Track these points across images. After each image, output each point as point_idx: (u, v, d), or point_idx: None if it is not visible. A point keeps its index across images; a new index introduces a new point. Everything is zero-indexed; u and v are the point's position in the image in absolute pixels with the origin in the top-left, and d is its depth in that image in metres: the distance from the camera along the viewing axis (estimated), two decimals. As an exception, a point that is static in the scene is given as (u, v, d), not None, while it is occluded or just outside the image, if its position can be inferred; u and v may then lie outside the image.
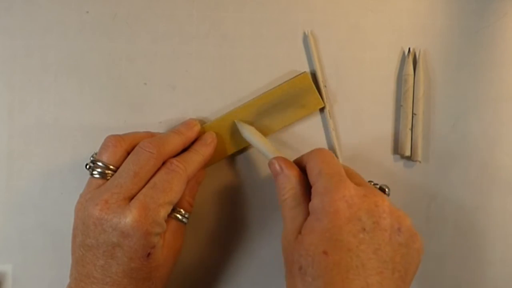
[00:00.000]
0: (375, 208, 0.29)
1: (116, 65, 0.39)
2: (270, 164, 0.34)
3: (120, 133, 0.35)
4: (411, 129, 0.39)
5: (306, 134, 0.40)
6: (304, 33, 0.39)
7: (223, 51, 0.39)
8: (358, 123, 0.40)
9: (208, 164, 0.38)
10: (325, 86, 0.39)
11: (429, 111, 0.40)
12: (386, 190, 0.34)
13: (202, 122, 0.39)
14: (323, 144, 0.40)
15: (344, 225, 0.28)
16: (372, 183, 0.35)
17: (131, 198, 0.32)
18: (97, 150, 0.34)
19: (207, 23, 0.39)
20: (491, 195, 0.40)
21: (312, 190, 0.31)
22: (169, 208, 0.33)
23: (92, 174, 0.34)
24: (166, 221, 0.34)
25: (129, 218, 0.31)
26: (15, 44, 0.39)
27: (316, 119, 0.40)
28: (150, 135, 0.37)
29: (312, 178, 0.31)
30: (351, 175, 0.32)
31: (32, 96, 0.39)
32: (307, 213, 0.31)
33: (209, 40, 0.39)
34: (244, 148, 0.39)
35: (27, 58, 0.39)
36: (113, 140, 0.34)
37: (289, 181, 0.32)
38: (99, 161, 0.34)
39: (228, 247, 0.40)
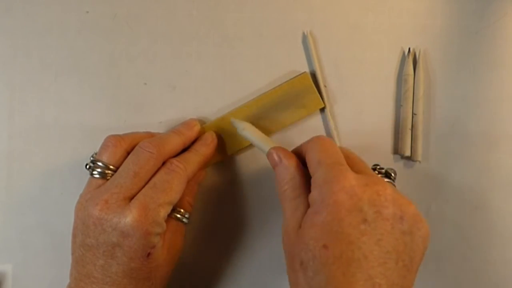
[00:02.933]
0: (377, 197, 0.28)
1: (116, 65, 0.39)
2: (269, 154, 0.33)
3: (120, 133, 0.35)
4: (411, 129, 0.39)
5: (307, 134, 0.40)
6: (304, 33, 0.39)
7: (223, 51, 0.39)
8: (358, 123, 0.40)
9: (208, 164, 0.38)
10: (325, 86, 0.39)
11: (429, 111, 0.40)
12: (392, 174, 0.33)
13: (202, 122, 0.39)
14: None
15: (344, 217, 0.28)
16: (378, 167, 0.34)
17: (131, 198, 0.32)
18: (97, 150, 0.34)
19: (207, 23, 0.39)
20: (491, 195, 0.40)
21: (312, 181, 0.30)
22: (169, 208, 0.33)
23: (92, 174, 0.34)
24: (166, 221, 0.34)
25: (129, 218, 0.31)
26: (15, 44, 0.39)
27: (317, 119, 0.40)
28: (150, 135, 0.37)
29: (311, 168, 0.31)
30: (353, 162, 0.32)
31: (32, 96, 0.39)
32: (308, 205, 0.30)
33: (209, 40, 0.39)
34: (244, 148, 0.39)
35: (27, 58, 0.39)
36: (113, 140, 0.34)
37: (288, 171, 0.32)
38: (99, 161, 0.34)
39: (228, 247, 0.40)
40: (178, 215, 0.35)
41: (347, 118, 0.40)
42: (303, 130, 0.40)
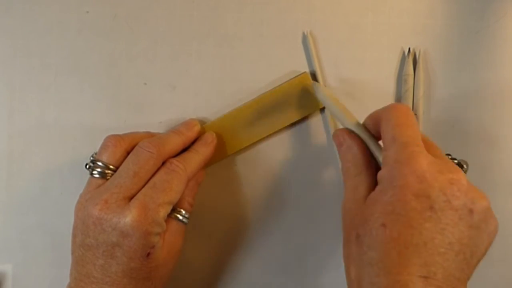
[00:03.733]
0: (449, 186, 0.27)
1: (116, 65, 0.39)
2: (334, 135, 0.34)
3: (120, 133, 0.35)
4: (411, 129, 0.39)
5: (307, 135, 0.40)
6: (304, 33, 0.39)
7: (223, 51, 0.39)
8: (361, 120, 0.40)
9: (208, 164, 0.38)
10: (325, 86, 0.39)
11: (429, 111, 0.40)
12: (464, 166, 0.33)
13: (202, 122, 0.39)
14: (324, 144, 0.40)
15: (410, 201, 0.27)
16: (450, 157, 0.34)
17: (131, 198, 0.32)
18: (97, 150, 0.34)
19: (207, 23, 0.39)
20: (491, 195, 0.40)
21: (383, 157, 0.29)
22: (169, 208, 0.33)
23: (92, 174, 0.34)
24: (166, 221, 0.34)
25: (128, 218, 0.31)
26: (15, 44, 0.39)
27: (317, 119, 0.40)
28: (150, 135, 0.37)
29: (384, 142, 0.30)
30: (429, 145, 0.31)
31: (32, 96, 0.39)
32: (369, 182, 0.30)
33: (209, 40, 0.39)
34: (244, 148, 0.39)
35: (27, 58, 0.39)
36: (112, 140, 0.34)
37: (351, 150, 0.32)
38: (99, 161, 0.34)
39: (228, 247, 0.40)
40: (178, 215, 0.35)
41: (347, 118, 0.40)
42: (303, 130, 0.40)
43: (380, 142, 0.32)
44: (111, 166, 0.33)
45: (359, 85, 0.40)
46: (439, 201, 0.27)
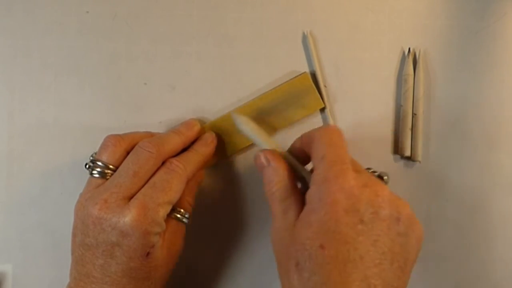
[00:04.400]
0: (375, 198, 0.28)
1: (116, 65, 0.39)
2: (256, 157, 0.33)
3: (120, 133, 0.35)
4: (411, 129, 0.39)
5: (306, 134, 0.40)
6: (304, 33, 0.39)
7: (223, 51, 0.39)
8: (358, 123, 0.40)
9: (208, 164, 0.38)
10: (325, 86, 0.39)
11: (429, 111, 0.40)
12: (385, 178, 0.33)
13: (202, 122, 0.39)
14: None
15: (342, 217, 0.28)
16: (371, 170, 0.34)
17: (131, 197, 0.32)
18: (96, 150, 0.34)
19: (207, 23, 0.39)
20: (491, 195, 0.40)
21: (312, 175, 0.30)
22: (168, 208, 0.33)
23: (91, 174, 0.34)
24: (166, 221, 0.33)
25: (128, 217, 0.31)
26: (15, 44, 0.39)
27: (317, 119, 0.40)
28: (150, 135, 0.37)
29: (314, 160, 0.30)
30: (352, 162, 0.31)
31: (32, 96, 0.39)
32: (298, 206, 0.30)
33: (209, 40, 0.39)
34: (244, 148, 0.39)
35: (27, 58, 0.39)
36: (112, 139, 0.34)
37: (277, 173, 0.32)
38: (98, 161, 0.34)
39: (228, 247, 0.40)
40: (178, 215, 0.35)
41: (347, 118, 0.40)
42: (303, 130, 0.39)
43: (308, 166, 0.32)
44: (110, 166, 0.33)
45: (359, 85, 0.40)
46: (367, 213, 0.28)
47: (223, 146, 0.39)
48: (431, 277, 0.40)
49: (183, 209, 0.36)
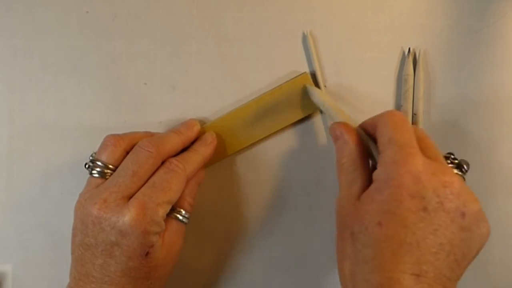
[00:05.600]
0: (442, 189, 0.28)
1: (116, 65, 0.39)
2: (331, 128, 0.34)
3: (120, 133, 0.35)
4: (411, 129, 0.39)
5: (307, 135, 0.40)
6: (304, 33, 0.39)
7: (223, 51, 0.39)
8: (358, 123, 0.40)
9: (208, 164, 0.38)
10: (325, 86, 0.39)
11: (429, 111, 0.40)
12: (465, 166, 0.33)
13: (202, 122, 0.39)
14: (324, 144, 0.40)
15: (405, 200, 0.28)
16: (452, 157, 0.34)
17: (130, 197, 0.32)
18: (96, 149, 0.34)
19: (207, 23, 0.39)
20: (491, 195, 0.40)
21: (379, 158, 0.30)
22: (168, 208, 0.33)
23: (91, 174, 0.34)
24: (166, 221, 0.34)
25: (127, 217, 0.31)
26: (15, 44, 0.39)
27: (317, 119, 0.40)
28: (150, 135, 0.37)
29: (380, 145, 0.30)
30: (426, 146, 0.31)
31: (32, 96, 0.39)
32: (364, 179, 0.31)
33: (209, 40, 0.39)
34: (244, 148, 0.39)
35: (27, 58, 0.39)
36: (112, 139, 0.34)
37: (347, 146, 0.32)
38: (98, 161, 0.34)
39: (228, 247, 0.40)
40: (178, 215, 0.35)
41: (347, 118, 0.40)
42: (303, 130, 0.40)
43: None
44: (110, 166, 0.33)
45: (359, 85, 0.40)
46: (432, 202, 0.28)
47: (223, 146, 0.39)
48: (431, 277, 0.40)
49: (183, 209, 0.36)
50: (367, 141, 0.33)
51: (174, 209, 0.35)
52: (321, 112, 0.40)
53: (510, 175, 0.40)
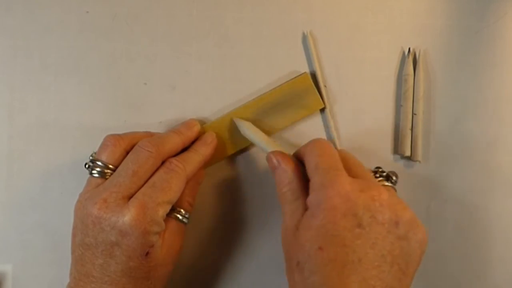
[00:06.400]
0: (372, 203, 0.29)
1: (116, 65, 0.39)
2: (268, 158, 0.34)
3: (120, 133, 0.35)
4: (411, 129, 0.39)
5: (307, 135, 0.40)
6: (304, 33, 0.39)
7: (223, 51, 0.39)
8: (358, 123, 0.40)
9: (208, 164, 0.38)
10: (325, 86, 0.39)
11: (429, 111, 0.40)
12: (394, 178, 0.34)
13: (202, 122, 0.39)
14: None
15: (339, 220, 0.28)
16: (380, 170, 0.35)
17: (130, 197, 0.32)
18: (96, 149, 0.34)
19: (207, 23, 0.39)
20: (491, 195, 0.40)
21: (309, 184, 0.31)
22: (168, 208, 0.33)
23: (91, 174, 0.34)
24: (166, 221, 0.34)
25: (127, 217, 0.31)
26: (15, 44, 0.39)
27: (317, 119, 0.40)
28: (150, 134, 0.37)
29: (309, 172, 0.32)
30: (351, 165, 0.32)
31: (32, 96, 0.39)
32: (306, 207, 0.31)
33: (209, 40, 0.39)
34: (244, 148, 0.39)
35: (27, 58, 0.39)
36: (112, 139, 0.34)
37: (287, 175, 0.32)
38: (98, 161, 0.34)
39: (228, 247, 0.40)
40: (178, 215, 0.35)
41: (347, 118, 0.40)
42: (303, 131, 0.40)
43: None
44: (110, 166, 0.33)
45: (359, 85, 0.40)
46: (365, 217, 0.29)
47: (223, 146, 0.39)
48: (431, 277, 0.40)
49: (183, 209, 0.36)
50: (303, 169, 0.33)
51: (174, 209, 0.35)
52: (321, 112, 0.40)
53: (510, 175, 0.40)
